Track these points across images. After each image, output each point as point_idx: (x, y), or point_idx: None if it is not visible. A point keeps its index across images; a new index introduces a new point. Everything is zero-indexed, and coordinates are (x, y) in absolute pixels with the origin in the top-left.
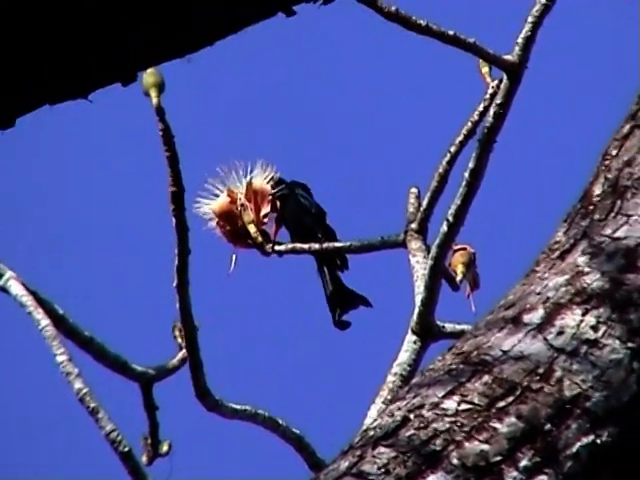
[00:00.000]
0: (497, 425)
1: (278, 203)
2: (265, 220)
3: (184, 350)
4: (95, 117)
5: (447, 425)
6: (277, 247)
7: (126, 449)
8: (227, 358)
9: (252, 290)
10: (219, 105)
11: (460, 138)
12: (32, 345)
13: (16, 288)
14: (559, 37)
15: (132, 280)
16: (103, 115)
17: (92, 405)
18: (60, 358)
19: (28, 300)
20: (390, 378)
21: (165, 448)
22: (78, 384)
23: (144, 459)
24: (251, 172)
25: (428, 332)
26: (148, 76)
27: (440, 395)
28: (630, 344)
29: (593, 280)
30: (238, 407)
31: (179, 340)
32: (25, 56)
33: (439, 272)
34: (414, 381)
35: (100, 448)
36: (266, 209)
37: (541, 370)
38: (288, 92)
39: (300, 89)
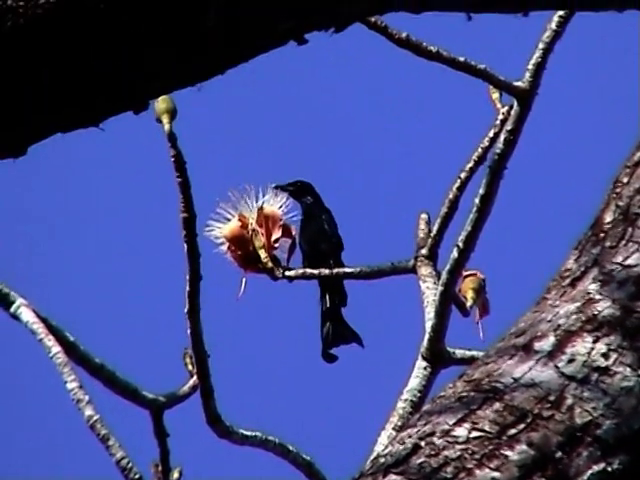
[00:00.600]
0: (508, 453)
1: (302, 218)
2: (276, 245)
3: (195, 377)
4: (107, 144)
5: (458, 453)
6: (287, 272)
7: (137, 476)
8: (237, 384)
9: (262, 315)
10: (231, 130)
11: (470, 164)
12: (43, 372)
13: (27, 315)
14: (570, 63)
15: (143, 307)
16: (115, 142)
17: (103, 432)
18: (71, 385)
19: (39, 327)
20: (400, 404)
21: (176, 475)
22: (89, 411)
23: None
24: (263, 197)
25: (438, 358)
26: (160, 103)
27: (451, 422)
28: None
29: (604, 308)
30: (249, 433)
31: (189, 367)
32: (36, 85)
33: (449, 298)
34: (425, 408)
35: (111, 476)
36: (277, 234)
37: (552, 398)
38: (299, 118)
39: (312, 115)
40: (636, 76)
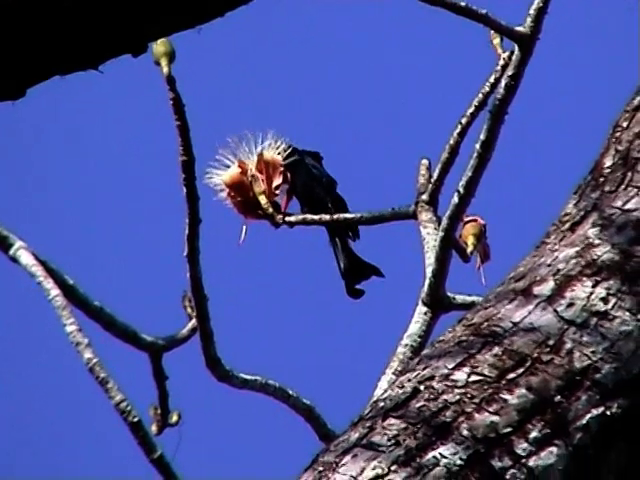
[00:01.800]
0: (507, 397)
1: (289, 173)
2: (276, 191)
3: (194, 320)
4: (105, 87)
5: (457, 397)
6: (288, 218)
7: (135, 419)
8: (238, 329)
9: (263, 261)
10: (230, 76)
11: (471, 110)
12: (42, 315)
13: (26, 258)
14: (571, 8)
15: (142, 250)
16: (114, 84)
17: (102, 375)
18: (70, 328)
19: (38, 270)
20: (400, 349)
21: (175, 418)
22: (88, 354)
23: (153, 429)
24: (262, 143)
25: (439, 303)
26: (159, 45)
27: (450, 367)
28: None
29: (603, 252)
30: (248, 377)
31: (189, 310)
32: (35, 27)
33: (450, 244)
34: (424, 352)
35: (110, 418)
36: (277, 180)
37: (551, 342)
38: (299, 63)
39: (311, 60)
40: (636, 20)
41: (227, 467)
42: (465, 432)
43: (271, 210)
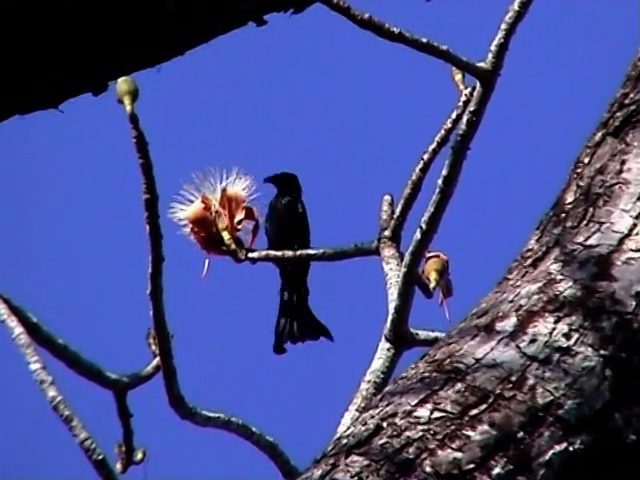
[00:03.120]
0: (470, 433)
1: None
2: (239, 227)
3: (158, 358)
4: (68, 127)
5: (420, 433)
6: (250, 254)
7: (100, 457)
8: (200, 365)
9: (225, 296)
10: (194, 113)
11: (433, 146)
12: (5, 353)
13: None
14: (532, 44)
15: (106, 288)
16: (76, 125)
17: (66, 413)
18: (34, 366)
19: (1, 308)
20: (364, 385)
21: (140, 456)
22: (52, 392)
23: (118, 467)
24: (226, 179)
25: (402, 339)
26: (121, 84)
27: (413, 403)
28: (602, 351)
29: (565, 288)
30: (211, 414)
31: (153, 347)
32: None
33: (412, 279)
34: (387, 389)
35: (74, 456)
36: (240, 216)
37: (514, 378)
38: (262, 100)
39: (272, 97)
40: (599, 54)
41: None
42: (428, 469)
43: (234, 246)
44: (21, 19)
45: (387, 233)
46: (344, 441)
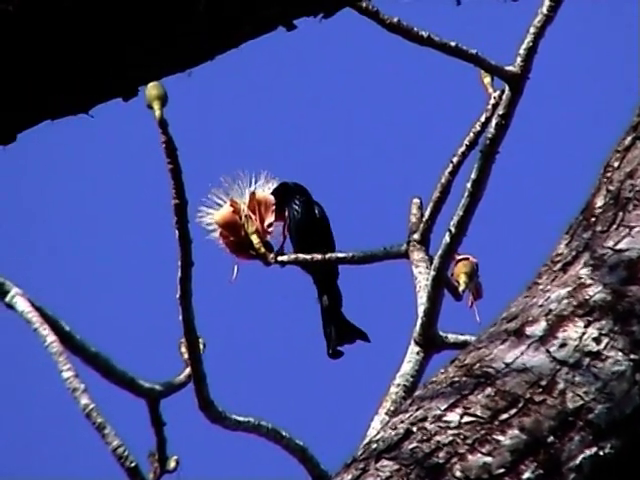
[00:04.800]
0: (500, 438)
1: (287, 212)
2: (269, 230)
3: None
4: (97, 131)
5: (450, 438)
6: (279, 258)
7: (133, 464)
8: (231, 370)
9: (255, 300)
10: (223, 117)
11: (462, 149)
12: (38, 362)
13: (22, 305)
14: (561, 48)
15: (138, 295)
16: (105, 129)
17: (99, 421)
18: (66, 374)
19: (34, 317)
20: (393, 389)
21: (172, 464)
22: (84, 400)
23: (151, 476)
24: (255, 183)
25: (431, 343)
26: (151, 89)
27: (443, 408)
28: (633, 356)
29: (595, 292)
30: (241, 419)
31: (185, 356)
32: (25, 71)
33: (442, 282)
34: (417, 394)
35: (107, 464)
36: (269, 219)
37: (544, 382)
38: (291, 103)
39: (303, 101)
40: (629, 59)
41: None
42: (458, 473)
43: (263, 250)
44: (53, 21)
45: (416, 236)
46: (374, 445)
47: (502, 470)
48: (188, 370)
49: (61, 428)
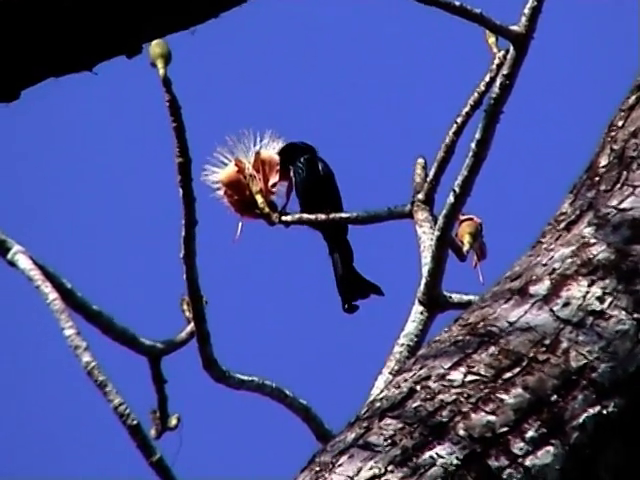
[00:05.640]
0: (503, 396)
1: (291, 171)
2: (273, 190)
3: (192, 324)
4: (101, 89)
5: (453, 396)
6: (283, 217)
7: (134, 422)
8: (234, 329)
9: (260, 260)
10: (228, 76)
11: (467, 109)
12: (40, 318)
13: (24, 262)
14: (565, 7)
15: (140, 253)
16: (108, 87)
17: (100, 378)
18: (68, 332)
19: (36, 274)
20: (397, 349)
21: (174, 422)
22: (86, 357)
23: (153, 433)
24: (260, 142)
25: (435, 303)
26: (155, 47)
27: (446, 366)
28: (636, 315)
29: (599, 251)
30: (245, 378)
31: (187, 314)
32: (29, 28)
33: (446, 243)
34: (420, 352)
35: (108, 421)
36: (274, 179)
37: (547, 341)
38: (296, 62)
39: (308, 59)
40: (634, 18)
41: (225, 468)
42: (462, 432)
43: (267, 209)
44: None
45: (420, 196)
46: (377, 404)
47: (506, 429)
48: (190, 328)
49: (63, 386)
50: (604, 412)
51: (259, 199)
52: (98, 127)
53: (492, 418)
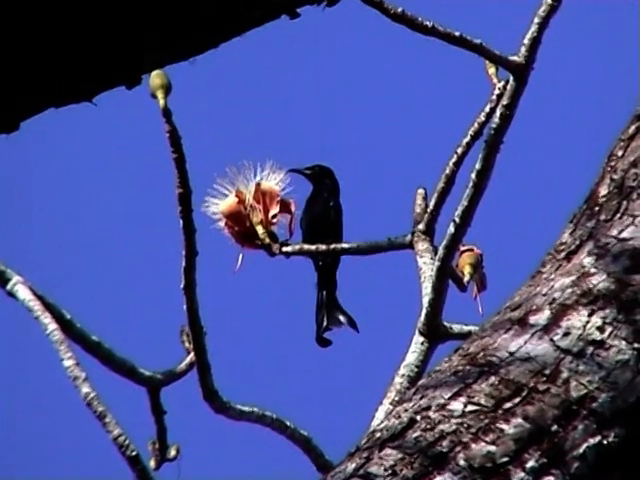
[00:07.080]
0: (504, 426)
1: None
2: (273, 221)
3: (192, 355)
4: (101, 120)
5: (454, 426)
6: (284, 248)
7: (134, 453)
8: (235, 360)
9: (259, 290)
10: (228, 107)
11: (467, 139)
12: (39, 350)
13: (23, 293)
14: (565, 38)
15: (140, 283)
16: (109, 118)
17: (100, 409)
18: (67, 363)
19: (35, 305)
20: (397, 379)
21: (173, 452)
22: (85, 388)
23: (152, 464)
24: (260, 173)
25: (435, 333)
26: (155, 78)
27: (447, 396)
28: (636, 345)
29: (599, 281)
30: (246, 409)
31: (187, 345)
32: (29, 58)
33: (446, 273)
34: (421, 382)
35: (108, 452)
36: (274, 210)
37: (547, 371)
38: (296, 93)
39: (308, 91)
40: (634, 49)
41: None
42: (462, 462)
43: (268, 240)
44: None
45: (421, 227)
46: (378, 434)
47: (506, 459)
48: (189, 358)
49: (62, 417)
50: (605, 442)
51: (260, 230)
52: (99, 158)
53: (492, 448)
